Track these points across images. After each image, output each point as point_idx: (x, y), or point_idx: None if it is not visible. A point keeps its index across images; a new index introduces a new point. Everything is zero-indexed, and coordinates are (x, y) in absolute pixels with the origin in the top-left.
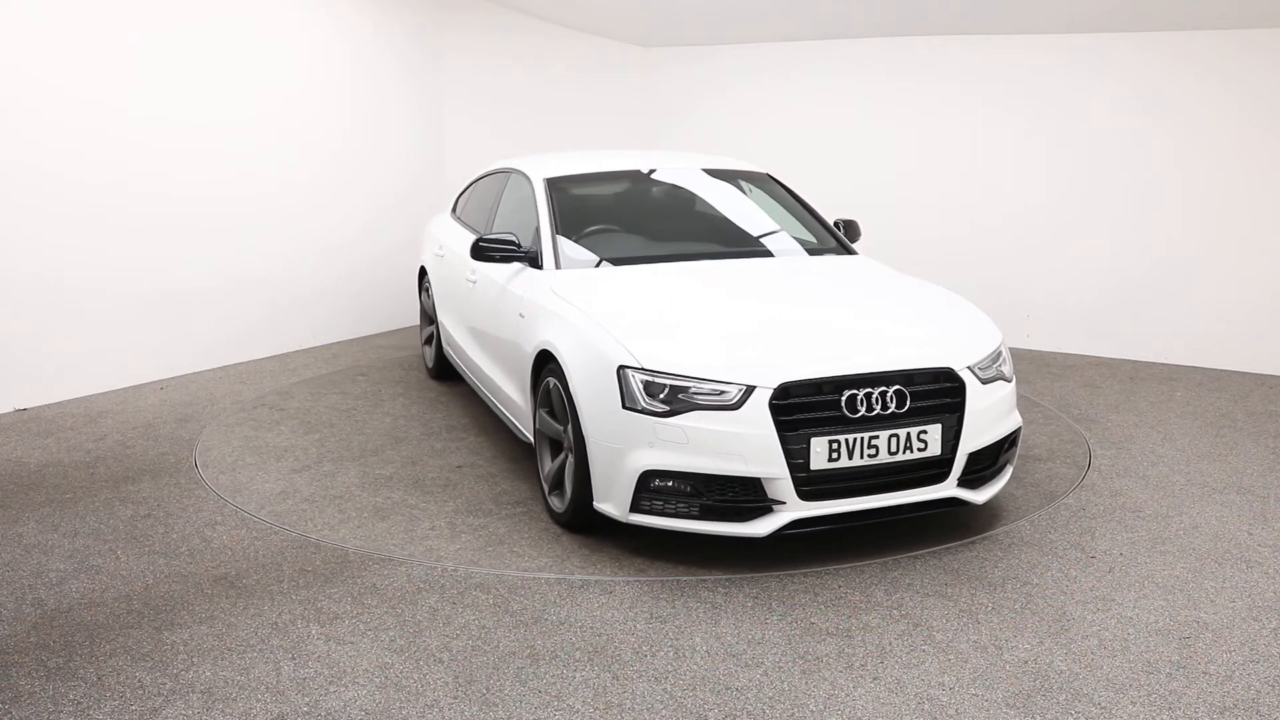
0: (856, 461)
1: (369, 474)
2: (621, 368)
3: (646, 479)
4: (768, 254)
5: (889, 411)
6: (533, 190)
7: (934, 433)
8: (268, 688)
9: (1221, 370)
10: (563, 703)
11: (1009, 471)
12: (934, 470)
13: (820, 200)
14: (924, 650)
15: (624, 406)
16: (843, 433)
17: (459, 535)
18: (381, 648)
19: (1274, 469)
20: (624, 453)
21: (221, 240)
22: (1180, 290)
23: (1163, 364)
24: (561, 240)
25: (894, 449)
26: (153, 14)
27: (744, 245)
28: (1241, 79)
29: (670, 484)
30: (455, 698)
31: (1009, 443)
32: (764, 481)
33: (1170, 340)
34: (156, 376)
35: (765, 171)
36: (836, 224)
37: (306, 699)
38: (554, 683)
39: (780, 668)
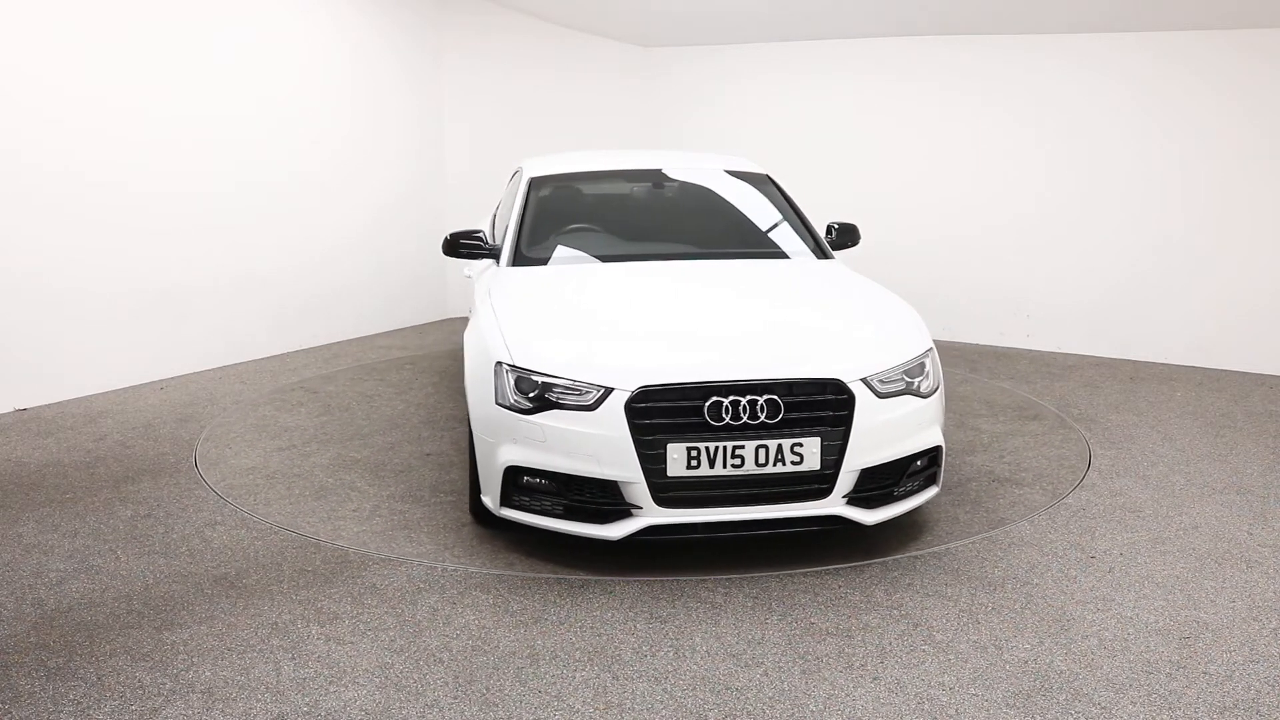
0: (719, 471)
1: (342, 456)
2: (498, 364)
3: (513, 475)
4: (730, 257)
5: (758, 421)
6: (518, 187)
7: (811, 446)
8: (268, 688)
9: (1221, 370)
10: (563, 703)
11: (929, 493)
12: (813, 485)
13: (821, 201)
14: (924, 650)
15: (496, 402)
16: (703, 440)
17: (373, 518)
18: (381, 648)
19: (1274, 469)
20: (495, 447)
21: (222, 240)
22: (1180, 290)
23: (1163, 364)
24: (522, 238)
25: (762, 460)
26: (153, 15)
27: (711, 247)
28: (1242, 79)
29: (537, 481)
30: (455, 698)
31: (928, 461)
32: (620, 485)
33: (1170, 340)
34: (156, 376)
35: (764, 172)
36: (831, 228)
37: (306, 699)
38: (554, 683)
39: (780, 668)
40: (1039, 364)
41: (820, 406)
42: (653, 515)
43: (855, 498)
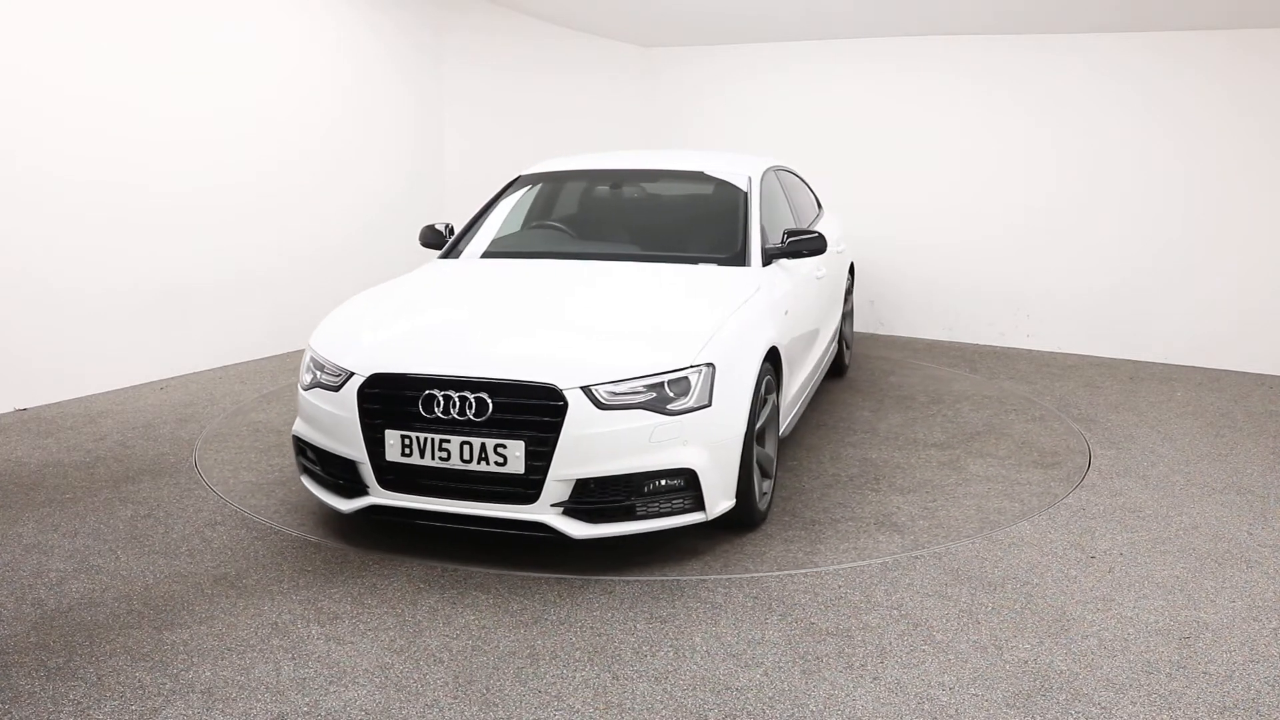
0: (428, 461)
1: None
2: (311, 344)
3: (297, 445)
4: (644, 260)
5: (465, 418)
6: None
7: (515, 449)
8: (268, 688)
9: (1221, 370)
10: (563, 703)
11: (688, 518)
12: (518, 489)
13: (820, 201)
14: (924, 650)
15: (300, 376)
16: (415, 430)
17: (267, 474)
18: (381, 648)
19: (1274, 469)
20: (297, 419)
21: (222, 240)
22: (1180, 290)
23: (1163, 364)
24: (466, 233)
25: (467, 457)
26: (154, 15)
27: (640, 249)
28: (1241, 79)
29: (309, 453)
30: (455, 698)
31: (684, 482)
32: (356, 464)
33: (1170, 340)
34: (156, 376)
35: (746, 173)
36: (785, 235)
37: (306, 699)
38: (554, 683)
39: (780, 668)
40: (1039, 364)
41: (528, 410)
42: (377, 496)
43: (572, 508)
